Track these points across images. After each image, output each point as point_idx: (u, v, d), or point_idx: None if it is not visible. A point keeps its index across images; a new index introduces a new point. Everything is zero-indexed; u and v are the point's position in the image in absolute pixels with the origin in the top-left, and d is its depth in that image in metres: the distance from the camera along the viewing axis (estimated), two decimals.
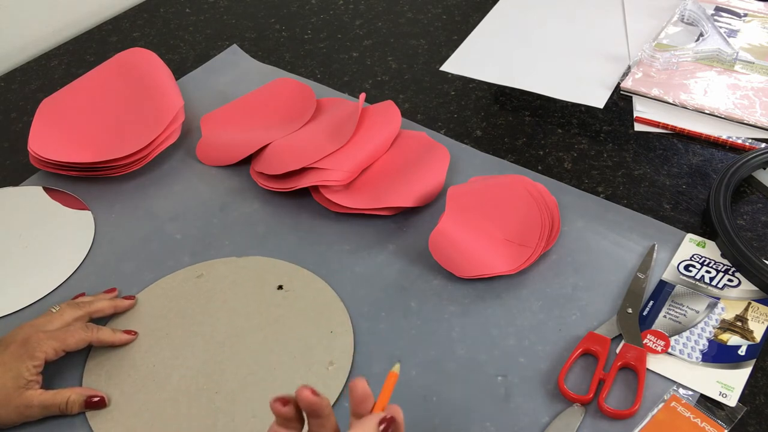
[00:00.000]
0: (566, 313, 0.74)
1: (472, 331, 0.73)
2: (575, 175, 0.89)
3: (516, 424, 0.65)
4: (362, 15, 1.21)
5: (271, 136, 0.92)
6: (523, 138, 0.95)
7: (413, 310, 0.75)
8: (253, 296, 0.77)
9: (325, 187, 0.85)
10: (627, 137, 0.95)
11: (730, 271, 0.77)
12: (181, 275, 0.79)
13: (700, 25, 1.10)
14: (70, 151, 0.91)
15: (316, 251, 0.81)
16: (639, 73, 1.03)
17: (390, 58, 1.11)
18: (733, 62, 1.04)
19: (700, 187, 0.87)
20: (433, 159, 0.88)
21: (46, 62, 1.14)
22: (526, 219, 0.80)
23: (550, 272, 0.78)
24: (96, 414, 0.67)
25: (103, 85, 0.99)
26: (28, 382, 0.64)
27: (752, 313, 0.73)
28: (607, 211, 0.84)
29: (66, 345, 0.67)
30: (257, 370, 0.70)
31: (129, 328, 0.74)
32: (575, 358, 0.69)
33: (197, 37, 1.18)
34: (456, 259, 0.77)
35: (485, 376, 0.69)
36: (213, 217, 0.86)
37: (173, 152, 0.95)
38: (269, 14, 1.23)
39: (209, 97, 1.03)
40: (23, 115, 1.03)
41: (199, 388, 0.69)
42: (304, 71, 1.09)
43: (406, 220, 0.84)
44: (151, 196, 0.89)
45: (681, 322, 0.72)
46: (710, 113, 0.96)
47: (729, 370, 0.68)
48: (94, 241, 0.84)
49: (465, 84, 1.05)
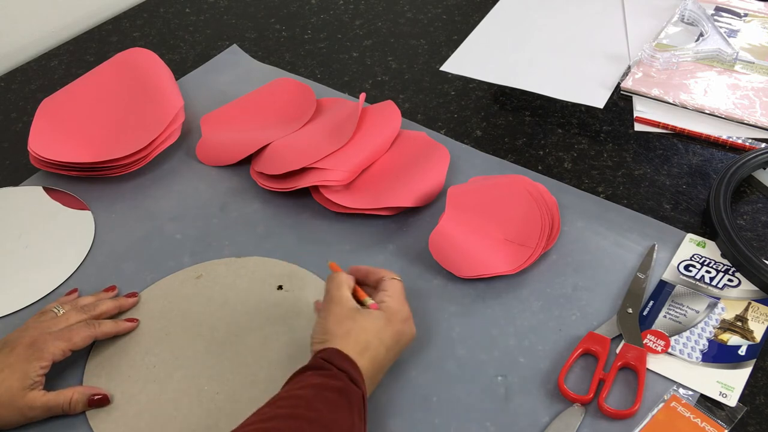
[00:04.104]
0: (566, 313, 0.74)
1: (472, 331, 0.73)
2: (575, 175, 0.89)
3: (516, 424, 0.65)
4: (362, 15, 1.21)
5: (271, 136, 0.92)
6: (523, 138, 0.95)
7: (413, 310, 0.74)
8: (253, 296, 0.77)
9: (325, 187, 0.85)
10: (627, 137, 0.95)
11: (730, 271, 0.77)
12: (181, 276, 0.79)
13: (700, 25, 1.10)
14: (70, 151, 0.91)
15: (316, 251, 0.81)
16: (639, 73, 1.03)
17: (390, 58, 1.11)
18: (733, 62, 1.04)
19: (700, 187, 0.87)
20: (433, 159, 0.88)
21: (46, 62, 1.14)
22: (526, 219, 0.80)
23: (550, 272, 0.78)
24: (96, 414, 0.67)
25: (103, 85, 0.99)
26: (33, 383, 0.65)
27: (752, 313, 0.73)
28: (607, 211, 0.84)
29: (73, 344, 0.68)
30: (257, 371, 0.70)
31: None
32: (575, 358, 0.69)
33: (197, 37, 1.18)
34: (456, 259, 0.77)
35: (485, 376, 0.69)
36: (213, 217, 0.86)
37: (173, 152, 0.95)
38: (269, 14, 1.23)
39: (209, 97, 1.03)
40: (23, 115, 1.03)
41: (199, 389, 0.69)
42: (304, 71, 1.09)
43: (406, 220, 0.84)
44: (151, 196, 0.89)
45: (681, 322, 0.72)
46: (710, 113, 0.96)
47: (729, 370, 0.68)
48: (94, 241, 0.84)
49: (465, 84, 1.05)
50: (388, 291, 0.67)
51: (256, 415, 0.57)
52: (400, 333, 0.65)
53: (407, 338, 0.66)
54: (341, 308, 0.65)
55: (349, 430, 0.57)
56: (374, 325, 0.64)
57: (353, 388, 0.59)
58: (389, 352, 0.64)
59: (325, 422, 0.56)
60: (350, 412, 0.57)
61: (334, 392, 0.58)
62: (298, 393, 0.58)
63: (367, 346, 0.62)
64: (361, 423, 0.58)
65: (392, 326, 0.64)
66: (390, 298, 0.67)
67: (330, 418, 0.56)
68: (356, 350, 0.61)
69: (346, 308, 0.65)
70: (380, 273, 0.69)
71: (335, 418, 0.56)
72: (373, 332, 0.63)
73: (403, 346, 0.67)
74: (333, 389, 0.58)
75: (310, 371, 0.60)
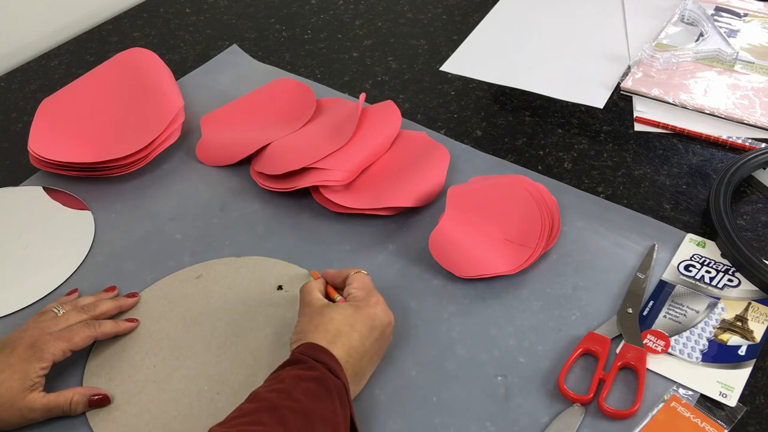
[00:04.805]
0: (566, 313, 0.74)
1: (472, 331, 0.73)
2: (575, 175, 0.89)
3: (516, 424, 0.65)
4: (362, 15, 1.21)
5: (271, 136, 0.92)
6: (523, 138, 0.95)
7: (413, 310, 0.75)
8: (253, 296, 0.77)
9: (325, 187, 0.85)
10: (627, 137, 0.95)
11: (730, 271, 0.77)
12: (181, 276, 0.79)
13: (700, 25, 1.10)
14: (70, 151, 0.91)
15: (316, 251, 0.81)
16: (639, 73, 1.03)
17: (390, 58, 1.11)
18: (733, 62, 1.04)
19: (700, 187, 0.87)
20: (433, 159, 0.88)
21: (46, 62, 1.14)
22: (526, 219, 0.80)
23: (550, 272, 0.78)
24: (97, 415, 0.67)
25: (103, 85, 0.99)
26: (33, 384, 0.65)
27: (752, 313, 0.73)
28: (607, 211, 0.84)
29: (73, 344, 0.68)
30: (257, 371, 0.70)
31: None
32: (575, 358, 0.69)
33: (197, 37, 1.18)
34: (456, 259, 0.77)
35: (485, 376, 0.69)
36: (213, 217, 0.86)
37: (173, 152, 0.95)
38: (269, 14, 1.23)
39: (209, 97, 1.03)
40: (23, 115, 1.03)
41: (199, 389, 0.69)
42: (304, 71, 1.09)
43: (406, 220, 0.84)
44: (151, 196, 0.89)
45: (681, 322, 0.72)
46: (710, 113, 0.96)
47: (729, 370, 0.68)
48: (94, 241, 0.84)
49: (465, 84, 1.05)
50: (353, 284, 0.70)
51: (237, 410, 0.59)
52: (371, 317, 0.67)
53: (382, 322, 0.67)
54: (311, 308, 0.68)
55: (332, 417, 0.58)
56: (342, 314, 0.66)
57: (330, 377, 0.60)
58: (365, 338, 0.65)
59: (304, 411, 0.57)
60: (330, 400, 0.59)
61: (311, 382, 0.59)
62: (277, 387, 0.59)
63: (337, 334, 0.64)
64: (344, 410, 0.59)
65: (362, 312, 0.66)
66: (355, 289, 0.69)
67: (309, 406, 0.58)
68: (327, 339, 0.63)
69: (315, 307, 0.67)
70: (346, 271, 0.72)
71: (315, 406, 0.58)
72: (341, 320, 0.65)
73: (382, 331, 0.67)
74: (310, 379, 0.59)
75: (288, 366, 0.62)
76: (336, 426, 0.58)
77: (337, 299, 0.70)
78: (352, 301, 0.68)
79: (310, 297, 0.69)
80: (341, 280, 0.72)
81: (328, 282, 0.73)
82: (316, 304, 0.68)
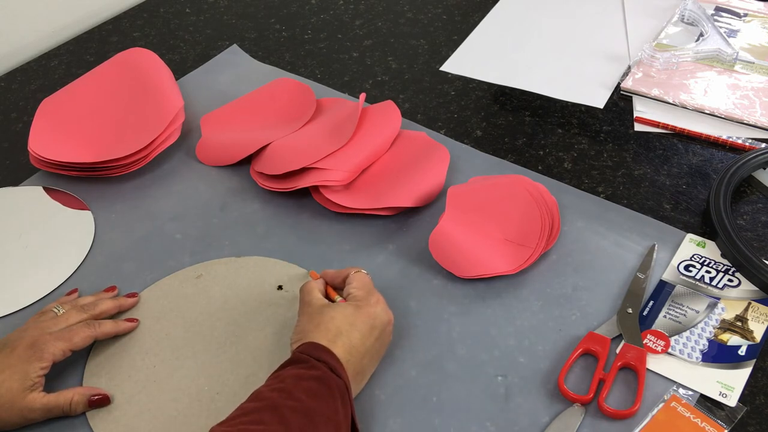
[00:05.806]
0: (566, 313, 0.74)
1: (472, 331, 0.73)
2: (575, 175, 0.89)
3: (516, 424, 0.65)
4: (362, 15, 1.21)
5: (271, 136, 0.92)
6: (523, 138, 0.95)
7: (413, 310, 0.75)
8: (253, 296, 0.77)
9: (325, 187, 0.85)
10: (627, 137, 0.95)
11: (730, 271, 0.77)
12: (181, 275, 0.79)
13: (700, 25, 1.10)
14: (70, 151, 0.91)
15: (316, 251, 0.81)
16: (639, 73, 1.03)
17: (390, 58, 1.11)
18: (733, 62, 1.04)
19: (700, 187, 0.87)
20: (433, 159, 0.88)
21: (46, 62, 1.14)
22: (526, 219, 0.80)
23: (550, 272, 0.78)
24: (97, 415, 0.67)
25: (103, 85, 0.99)
26: (33, 384, 0.65)
27: (752, 313, 0.73)
28: (607, 211, 0.84)
29: (73, 344, 0.68)
30: (257, 371, 0.70)
31: None
32: (575, 358, 0.69)
33: (197, 37, 1.18)
34: (456, 259, 0.77)
35: (485, 376, 0.69)
36: (213, 217, 0.86)
37: (173, 152, 0.95)
38: (269, 14, 1.23)
39: (209, 97, 1.03)
40: (23, 115, 1.03)
41: (199, 389, 0.69)
42: (304, 71, 1.09)
43: (406, 220, 0.84)
44: (151, 196, 0.89)
45: (681, 322, 0.72)
46: (710, 113, 0.96)
47: (729, 370, 0.68)
48: (94, 241, 0.84)
49: (465, 84, 1.05)
50: (353, 283, 0.70)
51: (239, 410, 0.59)
52: (372, 316, 0.67)
53: (382, 321, 0.68)
54: (311, 308, 0.68)
55: (333, 416, 0.58)
56: (342, 314, 0.66)
57: (332, 376, 0.60)
58: (366, 337, 0.66)
59: (305, 410, 0.57)
60: (332, 399, 0.59)
61: (312, 381, 0.59)
62: (278, 386, 0.60)
63: (338, 333, 0.64)
64: (345, 409, 0.60)
65: (362, 311, 0.67)
66: (355, 288, 0.69)
67: (310, 406, 0.58)
68: (327, 338, 0.64)
69: (315, 307, 0.68)
70: (346, 271, 0.72)
71: (316, 405, 0.58)
72: (341, 319, 0.65)
73: (383, 330, 0.68)
74: (312, 378, 0.60)
75: (289, 366, 0.62)
76: (337, 425, 0.58)
77: (337, 300, 0.70)
78: (352, 300, 0.68)
79: (310, 297, 0.69)
80: (341, 280, 0.72)
81: (328, 282, 0.73)
82: (317, 304, 0.68)
